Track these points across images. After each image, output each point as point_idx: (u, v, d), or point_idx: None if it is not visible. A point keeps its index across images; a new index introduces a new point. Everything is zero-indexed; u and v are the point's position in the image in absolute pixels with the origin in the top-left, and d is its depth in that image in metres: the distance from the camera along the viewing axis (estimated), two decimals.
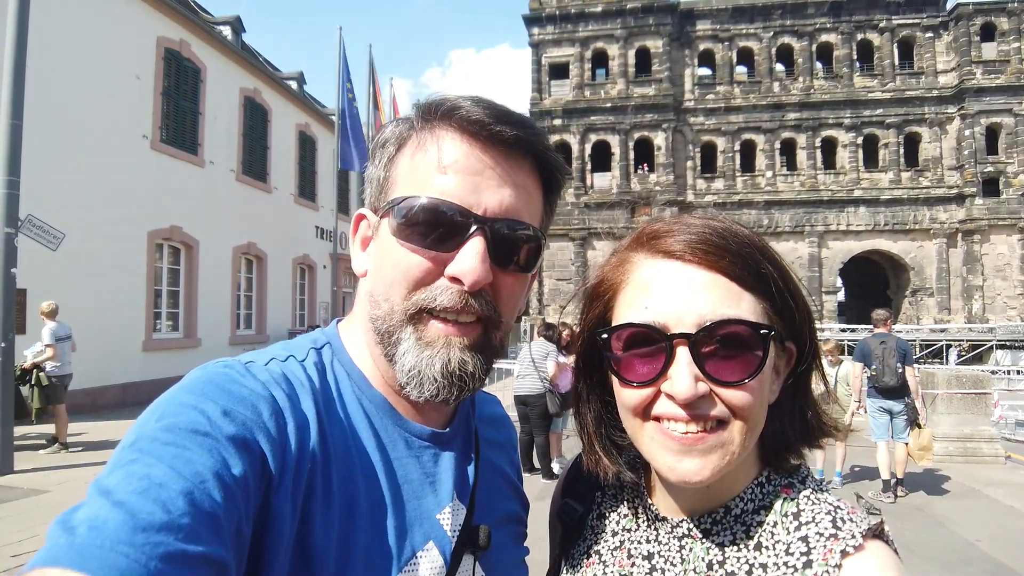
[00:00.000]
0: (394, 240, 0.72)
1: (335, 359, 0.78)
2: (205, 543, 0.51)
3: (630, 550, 0.79)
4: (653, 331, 0.67)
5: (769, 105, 35.20)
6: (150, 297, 13.97)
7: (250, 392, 0.64)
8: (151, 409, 0.61)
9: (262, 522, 0.60)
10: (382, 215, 0.75)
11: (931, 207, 33.74)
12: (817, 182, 34.68)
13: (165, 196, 14.26)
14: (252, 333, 18.20)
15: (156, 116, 14.22)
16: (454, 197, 0.70)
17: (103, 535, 0.48)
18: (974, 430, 9.12)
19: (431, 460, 0.78)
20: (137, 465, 0.54)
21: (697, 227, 0.70)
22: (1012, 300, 32.68)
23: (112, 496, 0.51)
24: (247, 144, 18.00)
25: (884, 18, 34.86)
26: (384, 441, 0.75)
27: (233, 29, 19.98)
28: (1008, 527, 6.25)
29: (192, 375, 0.66)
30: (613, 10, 35.59)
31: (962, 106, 33.55)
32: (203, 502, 0.53)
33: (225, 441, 0.58)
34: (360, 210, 0.81)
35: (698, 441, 0.65)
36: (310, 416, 0.68)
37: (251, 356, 0.73)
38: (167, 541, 0.49)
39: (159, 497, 0.51)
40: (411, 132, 0.75)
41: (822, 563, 0.64)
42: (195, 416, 0.59)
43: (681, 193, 35.09)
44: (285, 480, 0.62)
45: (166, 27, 14.60)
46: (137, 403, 12.62)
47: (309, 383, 0.71)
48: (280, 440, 0.63)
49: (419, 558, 0.72)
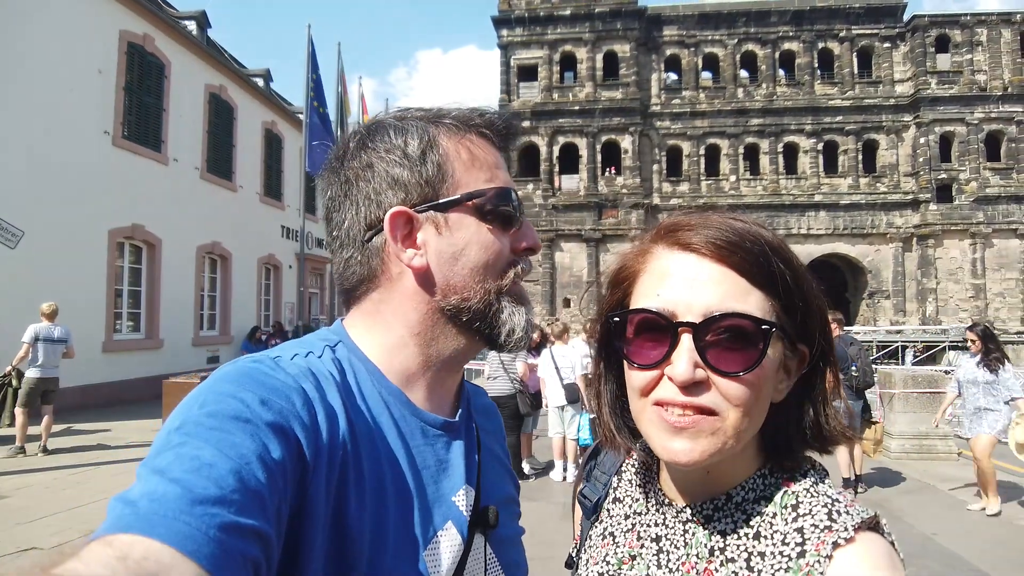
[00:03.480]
0: (483, 226, 0.83)
1: (350, 355, 0.82)
2: (254, 517, 0.55)
3: (639, 532, 0.83)
4: (662, 317, 0.71)
5: (733, 111, 35.85)
6: (111, 297, 13.64)
7: (283, 384, 0.68)
8: (191, 398, 0.65)
9: (299, 505, 0.64)
10: (450, 209, 0.82)
11: (888, 212, 34.75)
12: (779, 186, 35.42)
13: (127, 193, 13.94)
14: (216, 334, 17.87)
15: (119, 112, 13.89)
16: (510, 185, 0.87)
17: (165, 506, 0.52)
18: (929, 428, 9.43)
19: (444, 447, 0.84)
20: (187, 447, 0.57)
21: (715, 223, 0.73)
22: (964, 303, 33.86)
23: (167, 474, 0.55)
24: (212, 141, 17.68)
25: (844, 28, 35.79)
26: (403, 430, 0.80)
27: (199, 24, 19.62)
28: (962, 521, 6.51)
29: (225, 369, 0.70)
30: (582, 14, 35.84)
31: (917, 115, 34.63)
32: (250, 481, 0.57)
33: (265, 427, 0.62)
34: (396, 208, 0.80)
35: (691, 425, 0.68)
36: (337, 407, 0.72)
37: (276, 352, 0.77)
38: (222, 513, 0.53)
39: (211, 475, 0.55)
40: (450, 136, 0.85)
41: (814, 554, 0.66)
42: (236, 404, 0.62)
43: (648, 196, 35.49)
44: (320, 465, 0.66)
45: (129, 21, 14.27)
46: (97, 405, 12.33)
47: (332, 377, 0.75)
48: (313, 428, 0.67)
49: (440, 537, 0.77)
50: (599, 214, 35.28)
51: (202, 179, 17.11)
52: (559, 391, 8.05)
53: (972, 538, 5.91)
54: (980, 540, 5.89)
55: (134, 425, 10.81)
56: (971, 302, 33.69)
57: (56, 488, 6.89)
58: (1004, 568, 5.18)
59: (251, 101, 20.11)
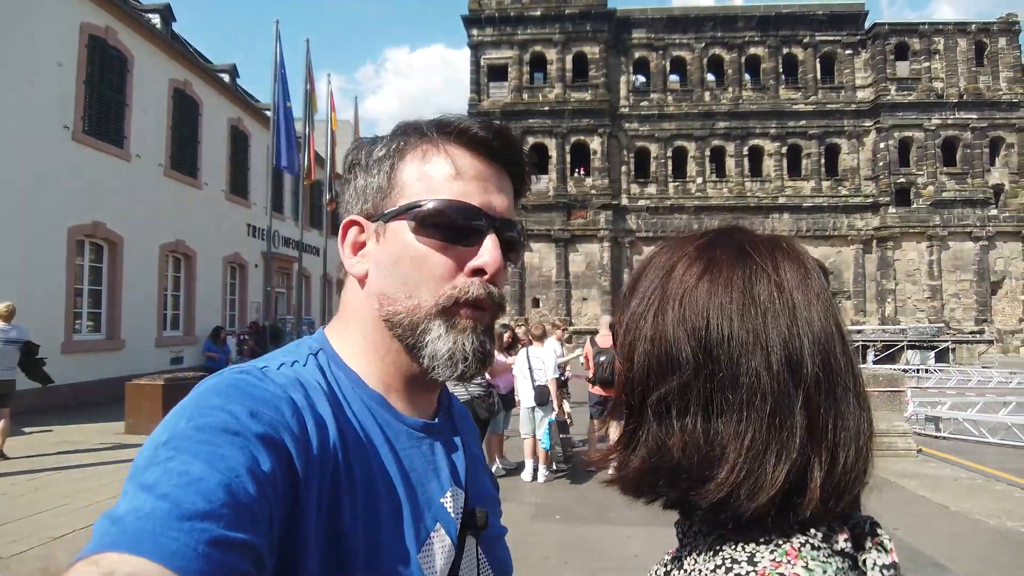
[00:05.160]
0: (415, 240, 0.78)
1: (331, 363, 0.81)
2: (245, 531, 0.55)
3: None
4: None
5: (700, 114, 36.37)
6: (70, 296, 13.25)
7: (271, 395, 0.67)
8: (177, 411, 0.64)
9: (292, 516, 0.64)
10: (391, 219, 0.80)
11: (849, 215, 35.63)
12: (744, 189, 36.05)
13: (87, 190, 13.57)
14: (179, 334, 17.51)
15: (79, 106, 13.51)
16: (472, 199, 0.79)
17: (152, 522, 0.51)
18: (889, 426, 9.69)
19: (429, 450, 0.84)
20: (174, 462, 0.56)
21: None
22: (921, 303, 34.86)
23: (154, 490, 0.54)
24: (176, 138, 17.29)
25: (808, 34, 36.58)
26: (389, 435, 0.79)
27: (163, 17, 19.20)
28: (921, 515, 6.70)
29: (211, 381, 0.69)
30: (552, 15, 36.02)
31: (878, 120, 35.56)
32: (239, 494, 0.56)
33: (255, 439, 0.61)
34: (350, 216, 0.84)
35: None
36: (326, 416, 0.72)
37: (263, 362, 0.76)
38: (212, 528, 0.52)
39: (199, 489, 0.54)
40: (413, 146, 0.82)
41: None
42: (224, 417, 0.62)
43: (616, 197, 35.82)
44: (311, 475, 0.66)
45: (91, 13, 13.89)
46: (55, 408, 11.98)
47: (319, 386, 0.75)
48: (303, 438, 0.67)
49: (432, 539, 0.77)
50: (568, 214, 35.50)
51: (166, 176, 16.73)
52: (531, 392, 8.08)
53: (931, 532, 6.09)
54: (939, 534, 6.07)
55: (95, 428, 10.54)
56: (928, 303, 34.71)
57: (13, 495, 6.70)
58: (961, 560, 5.35)
59: (217, 97, 19.73)
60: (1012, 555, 5.56)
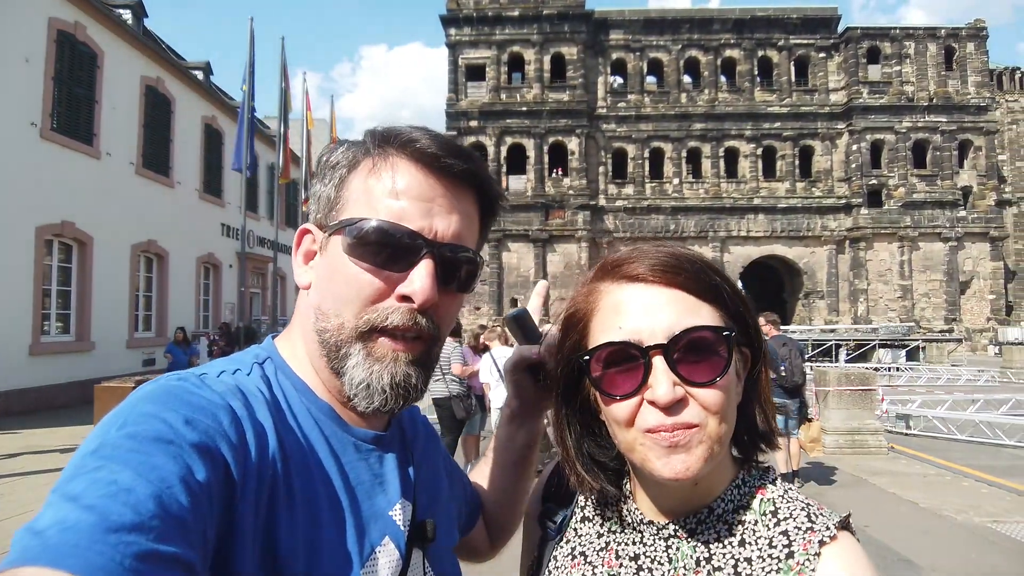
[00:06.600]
0: (346, 258, 0.75)
1: (278, 372, 0.79)
2: (175, 544, 0.52)
3: (617, 551, 0.84)
4: (630, 347, 0.73)
5: (677, 115, 36.67)
6: (38, 297, 12.96)
7: (208, 402, 0.65)
8: (110, 419, 0.61)
9: (228, 526, 0.62)
10: (332, 232, 0.77)
11: (822, 216, 36.17)
12: (720, 190, 36.40)
13: (56, 189, 13.30)
14: (152, 335, 17.22)
15: (47, 103, 13.24)
16: (407, 221, 0.75)
17: (77, 535, 0.48)
18: (861, 424, 9.84)
19: (377, 462, 0.82)
20: (103, 472, 0.54)
21: (653, 252, 0.77)
22: (892, 303, 35.50)
23: (80, 501, 0.51)
24: (148, 135, 17.02)
25: (783, 37, 37.05)
26: (335, 446, 0.78)
27: (134, 13, 18.88)
28: (892, 512, 6.81)
29: (147, 388, 0.66)
30: (530, 15, 36.06)
31: (850, 123, 36.14)
32: (171, 506, 0.54)
33: (189, 448, 0.59)
34: (305, 224, 0.83)
35: (682, 441, 0.71)
36: (266, 425, 0.70)
37: (202, 369, 0.74)
38: (139, 541, 0.50)
39: (128, 501, 0.51)
40: (364, 156, 0.78)
41: (803, 553, 0.72)
42: (158, 425, 0.59)
43: (594, 198, 35.96)
44: (248, 485, 0.64)
45: (59, 8, 13.62)
46: (23, 411, 11.73)
47: (261, 394, 0.73)
48: (241, 447, 0.65)
49: (378, 553, 0.76)
50: (546, 215, 35.57)
51: (137, 174, 16.47)
52: (502, 394, 8.06)
53: (901, 529, 6.19)
54: (908, 530, 6.17)
55: (63, 432, 10.32)
56: (899, 302, 35.36)
57: None
58: (929, 555, 5.44)
59: (190, 94, 19.47)
60: (980, 551, 5.67)
